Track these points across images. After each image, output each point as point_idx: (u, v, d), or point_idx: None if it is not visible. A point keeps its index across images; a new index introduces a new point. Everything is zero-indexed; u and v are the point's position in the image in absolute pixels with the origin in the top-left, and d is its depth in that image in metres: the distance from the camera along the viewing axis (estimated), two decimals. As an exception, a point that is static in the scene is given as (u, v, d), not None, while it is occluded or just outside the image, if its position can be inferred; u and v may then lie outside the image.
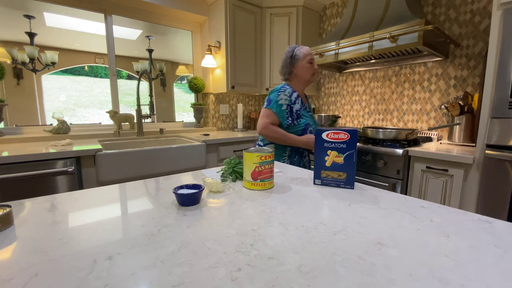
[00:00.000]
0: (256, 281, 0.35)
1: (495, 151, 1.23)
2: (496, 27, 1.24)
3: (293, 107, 1.41)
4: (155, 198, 0.68)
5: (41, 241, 0.45)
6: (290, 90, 1.43)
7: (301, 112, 1.43)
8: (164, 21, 2.51)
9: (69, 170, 1.40)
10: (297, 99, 1.44)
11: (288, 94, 1.41)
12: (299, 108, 1.43)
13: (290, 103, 1.40)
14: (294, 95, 1.43)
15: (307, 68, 1.45)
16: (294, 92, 1.45)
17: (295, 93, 1.44)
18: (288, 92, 1.42)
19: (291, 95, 1.42)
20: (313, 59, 1.46)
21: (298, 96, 1.45)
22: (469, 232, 0.49)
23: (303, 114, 1.43)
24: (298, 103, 1.43)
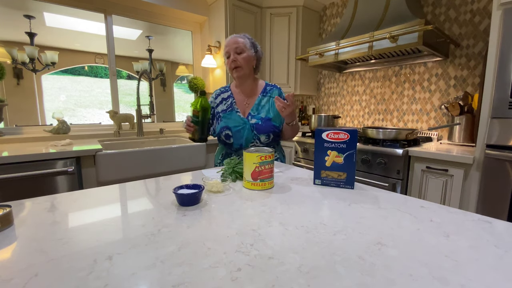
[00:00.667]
0: (256, 281, 0.35)
1: (495, 151, 1.23)
2: (496, 27, 1.24)
3: (216, 109, 1.29)
4: (155, 198, 0.68)
5: (41, 241, 0.45)
6: (219, 91, 1.32)
7: (223, 114, 1.26)
8: (164, 21, 2.51)
9: (69, 170, 1.40)
10: (226, 99, 1.29)
11: (214, 96, 1.31)
12: (221, 110, 1.27)
13: (214, 105, 1.30)
14: (222, 96, 1.30)
15: (226, 64, 1.26)
16: (226, 91, 1.31)
17: (226, 93, 1.31)
18: (215, 93, 1.32)
19: (218, 97, 1.30)
20: (228, 51, 1.22)
21: (229, 97, 1.29)
22: (469, 232, 0.49)
23: (224, 117, 1.25)
24: (224, 105, 1.28)
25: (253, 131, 1.22)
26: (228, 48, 1.22)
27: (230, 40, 1.23)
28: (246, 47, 1.23)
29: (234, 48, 1.20)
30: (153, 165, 1.71)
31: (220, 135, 1.25)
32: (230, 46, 1.22)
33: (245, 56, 1.22)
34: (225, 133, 1.23)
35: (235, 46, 1.21)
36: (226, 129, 1.23)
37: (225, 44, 1.24)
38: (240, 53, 1.21)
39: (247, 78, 1.27)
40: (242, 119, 1.25)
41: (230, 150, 1.29)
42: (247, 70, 1.23)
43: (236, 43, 1.21)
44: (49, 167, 1.37)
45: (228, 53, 1.22)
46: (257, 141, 1.25)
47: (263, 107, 1.27)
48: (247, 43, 1.24)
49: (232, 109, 1.27)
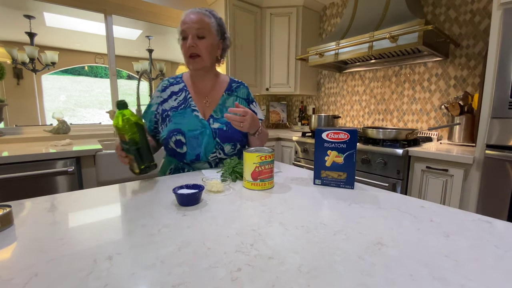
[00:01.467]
0: (256, 281, 0.35)
1: (495, 151, 1.23)
2: (496, 27, 1.24)
3: (162, 106, 0.98)
4: (155, 198, 0.68)
5: (41, 241, 0.45)
6: (167, 82, 1.01)
7: (173, 113, 0.96)
8: (164, 21, 2.51)
9: (69, 170, 1.40)
10: (178, 94, 0.98)
11: (161, 89, 1.00)
12: (171, 107, 0.97)
13: (160, 101, 0.98)
14: (172, 89, 0.99)
15: (181, 47, 0.95)
16: (178, 84, 1.01)
17: (177, 85, 1.00)
18: (162, 85, 1.00)
19: (166, 89, 0.99)
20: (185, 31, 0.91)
21: (181, 90, 0.99)
22: (469, 232, 0.49)
23: (175, 116, 0.95)
24: (174, 100, 0.98)
25: (215, 138, 0.95)
26: (186, 26, 0.90)
27: (191, 16, 0.91)
28: (211, 31, 0.93)
29: (196, 30, 0.90)
30: (153, 165, 1.70)
31: (168, 141, 0.92)
32: (189, 25, 0.90)
33: (208, 44, 0.92)
34: (176, 138, 0.91)
35: (196, 26, 0.90)
36: (177, 134, 0.91)
37: (183, 20, 0.91)
38: (202, 38, 0.91)
39: (207, 72, 1.00)
40: (200, 121, 0.95)
41: (180, 163, 0.98)
42: (209, 61, 0.95)
43: (199, 23, 0.90)
44: (49, 167, 1.37)
45: (185, 34, 0.91)
46: (219, 152, 0.97)
47: (227, 109, 1.01)
48: (213, 25, 0.94)
49: (187, 107, 0.96)
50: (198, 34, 0.91)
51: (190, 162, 0.96)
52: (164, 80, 1.03)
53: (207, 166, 0.99)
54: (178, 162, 0.99)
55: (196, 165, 0.98)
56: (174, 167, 1.00)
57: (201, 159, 0.96)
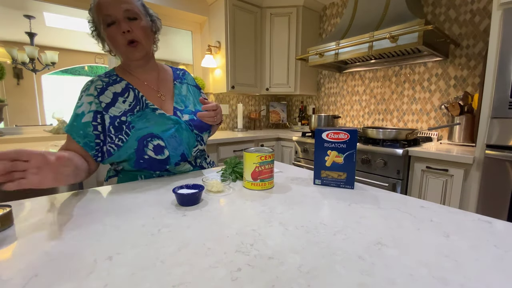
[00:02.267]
0: (256, 281, 0.35)
1: (495, 151, 1.23)
2: (496, 27, 1.24)
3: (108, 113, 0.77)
4: (155, 198, 0.68)
5: (41, 241, 0.45)
6: (102, 82, 0.79)
7: (131, 117, 0.78)
8: (164, 21, 2.51)
9: (69, 170, 1.40)
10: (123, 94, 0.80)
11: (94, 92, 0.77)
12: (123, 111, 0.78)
13: (100, 107, 0.76)
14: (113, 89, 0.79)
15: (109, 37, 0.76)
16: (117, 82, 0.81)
17: (118, 84, 0.81)
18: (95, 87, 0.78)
19: (105, 91, 0.78)
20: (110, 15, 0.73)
21: (127, 89, 0.81)
22: (469, 232, 0.49)
23: (135, 121, 0.78)
24: (123, 102, 0.79)
25: (193, 131, 0.87)
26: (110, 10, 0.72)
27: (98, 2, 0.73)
28: (140, 11, 0.78)
29: (123, 11, 0.73)
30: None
31: (143, 151, 0.77)
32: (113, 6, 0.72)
33: (144, 25, 0.78)
34: (153, 144, 0.77)
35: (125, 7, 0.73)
36: (151, 139, 0.77)
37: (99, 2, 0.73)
38: (134, 19, 0.76)
39: (148, 60, 0.87)
40: (169, 118, 0.83)
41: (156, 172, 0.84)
42: (149, 46, 0.83)
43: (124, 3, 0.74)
44: (49, 167, 1.36)
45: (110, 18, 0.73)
46: (200, 143, 0.90)
47: (186, 98, 0.91)
48: (138, 5, 0.79)
49: (143, 107, 0.81)
50: (129, 15, 0.75)
51: (174, 166, 0.86)
52: (95, 81, 0.79)
53: (189, 167, 0.90)
54: (153, 172, 0.84)
55: (179, 168, 0.88)
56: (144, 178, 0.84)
57: (187, 157, 0.86)
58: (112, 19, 0.73)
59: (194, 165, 0.93)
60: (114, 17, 0.73)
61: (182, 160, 0.87)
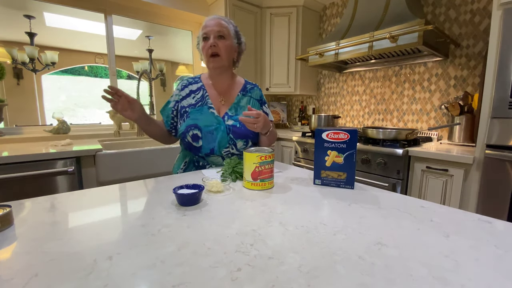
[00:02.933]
0: (256, 281, 0.35)
1: (495, 151, 1.23)
2: (496, 27, 1.24)
3: (181, 103, 1.06)
4: (155, 198, 0.68)
5: (41, 241, 0.45)
6: (187, 81, 1.09)
7: (191, 109, 1.03)
8: (164, 21, 2.51)
9: (69, 170, 1.40)
10: (196, 92, 1.06)
11: (180, 87, 1.08)
12: (189, 104, 1.05)
13: (179, 98, 1.06)
14: (191, 88, 1.07)
15: (202, 48, 1.03)
16: (196, 83, 1.09)
17: (195, 84, 1.08)
18: (181, 84, 1.08)
19: (185, 88, 1.07)
20: (207, 33, 1.00)
21: (199, 89, 1.07)
22: (469, 232, 0.49)
23: (192, 113, 1.03)
24: (192, 98, 1.05)
25: (228, 134, 1.02)
26: (208, 29, 1.00)
27: (212, 21, 1.01)
28: (230, 34, 1.03)
29: (216, 31, 1.00)
30: (153, 165, 1.71)
31: (185, 135, 1.00)
32: (211, 27, 0.99)
33: (228, 44, 1.02)
34: (193, 133, 0.99)
35: (217, 29, 1.00)
36: (194, 128, 0.99)
37: (204, 25, 1.01)
38: (221, 38, 1.01)
39: (224, 71, 1.08)
40: (216, 117, 1.03)
41: (196, 156, 1.05)
42: (226, 61, 1.04)
43: (219, 26, 1.00)
44: (49, 167, 1.37)
45: (207, 35, 1.00)
46: (232, 147, 1.04)
47: (242, 108, 1.09)
48: (231, 30, 1.04)
49: (204, 104, 1.04)
50: (219, 34, 1.01)
51: (204, 155, 1.03)
52: (184, 80, 1.11)
53: (220, 160, 1.05)
54: (193, 155, 1.05)
55: (210, 158, 1.04)
56: (189, 160, 1.07)
57: (215, 153, 1.02)
58: (207, 35, 1.00)
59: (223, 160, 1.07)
60: (208, 34, 1.00)
61: (211, 153, 1.03)
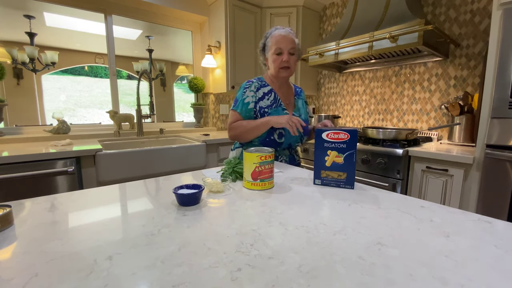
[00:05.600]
0: (256, 281, 0.35)
1: (495, 151, 1.23)
2: (496, 27, 1.24)
3: (259, 104, 1.19)
4: (155, 198, 0.68)
5: (41, 241, 0.45)
6: (257, 84, 1.21)
7: (270, 110, 1.18)
8: (164, 21, 2.51)
9: (69, 170, 1.40)
10: (268, 95, 1.20)
11: (254, 89, 1.19)
12: (266, 105, 1.19)
13: (256, 99, 1.19)
14: (263, 90, 1.20)
15: (273, 60, 1.18)
16: (265, 86, 1.22)
17: (265, 87, 1.21)
18: (254, 86, 1.20)
19: (259, 90, 1.20)
20: (281, 48, 1.15)
21: (270, 92, 1.21)
22: (469, 232, 0.49)
23: (273, 113, 1.18)
24: (267, 99, 1.19)
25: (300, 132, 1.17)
26: (282, 45, 1.14)
27: (285, 36, 1.15)
28: (297, 49, 1.19)
29: (290, 49, 1.15)
30: (153, 165, 1.71)
31: (272, 134, 1.16)
32: (285, 43, 1.14)
33: (296, 59, 1.20)
34: (279, 131, 1.16)
35: (291, 46, 1.15)
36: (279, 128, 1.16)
37: (277, 39, 1.15)
38: (292, 54, 1.17)
39: (288, 79, 1.28)
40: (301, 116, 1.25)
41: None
42: (293, 72, 1.22)
43: (292, 44, 1.16)
44: (49, 167, 1.37)
45: (281, 50, 1.15)
46: (301, 142, 1.26)
47: (300, 109, 1.28)
48: (298, 44, 1.20)
49: (278, 106, 1.20)
50: (291, 51, 1.16)
51: (282, 148, 1.22)
52: (254, 82, 1.21)
53: (287, 152, 1.25)
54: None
55: (281, 151, 1.24)
56: None
57: (291, 146, 1.24)
58: (281, 51, 1.16)
59: (290, 153, 1.26)
60: (283, 50, 1.15)
61: (287, 147, 1.23)
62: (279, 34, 1.16)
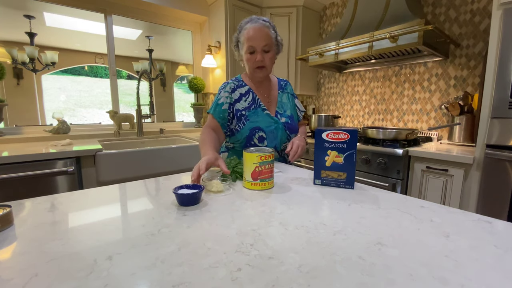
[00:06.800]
0: (256, 281, 0.35)
1: (495, 151, 1.23)
2: (496, 27, 1.24)
3: (235, 106, 1.08)
4: (155, 198, 0.68)
5: (41, 241, 0.45)
6: (233, 84, 1.11)
7: (247, 112, 1.08)
8: (164, 21, 2.51)
9: (69, 170, 1.40)
10: (245, 95, 1.10)
11: (229, 90, 1.09)
12: (244, 107, 1.09)
13: (232, 101, 1.08)
14: (239, 91, 1.10)
15: (247, 59, 1.06)
16: (243, 86, 1.11)
17: (243, 87, 1.11)
18: (230, 87, 1.10)
19: (235, 91, 1.09)
20: (254, 47, 1.02)
21: (248, 92, 1.11)
22: (469, 232, 0.49)
23: (250, 116, 1.08)
24: (244, 101, 1.09)
25: (285, 130, 1.12)
26: (254, 42, 1.01)
27: (257, 31, 1.01)
28: (273, 45, 1.07)
29: (263, 46, 1.03)
30: (153, 165, 1.71)
31: (251, 137, 1.07)
32: (258, 40, 1.01)
33: (272, 56, 1.08)
34: (258, 135, 1.07)
35: (264, 43, 1.02)
36: (258, 130, 1.07)
37: (250, 34, 1.01)
38: (267, 52, 1.05)
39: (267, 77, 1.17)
40: (272, 118, 1.11)
41: None
42: (270, 70, 1.12)
43: (266, 40, 1.02)
44: (49, 167, 1.37)
45: (253, 49, 1.03)
46: (286, 142, 1.15)
47: (285, 105, 1.18)
48: (274, 37, 1.07)
49: (257, 107, 1.10)
50: (265, 49, 1.05)
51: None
52: (230, 82, 1.12)
53: (277, 155, 1.15)
54: None
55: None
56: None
57: (277, 149, 1.13)
58: (253, 50, 1.04)
59: (280, 155, 1.16)
60: (255, 48, 1.03)
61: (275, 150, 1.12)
62: (252, 28, 1.01)
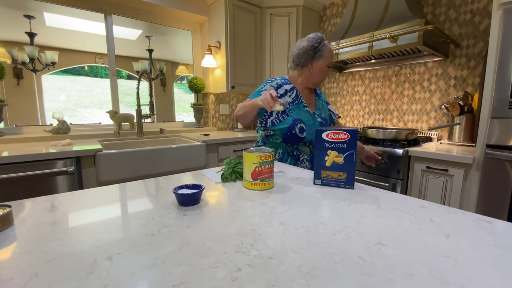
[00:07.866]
0: (256, 281, 0.35)
1: (495, 151, 1.23)
2: (496, 27, 1.24)
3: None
4: (155, 198, 0.68)
5: (41, 241, 0.45)
6: (280, 81, 1.24)
7: (291, 106, 1.21)
8: (164, 21, 2.51)
9: (69, 170, 1.40)
10: (290, 91, 1.23)
11: (275, 85, 1.22)
12: (288, 102, 1.22)
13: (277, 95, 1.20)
14: (285, 87, 1.23)
15: (323, 70, 1.24)
16: (288, 84, 1.25)
17: (288, 85, 1.25)
18: (276, 83, 1.23)
19: (280, 87, 1.23)
20: (330, 63, 1.25)
21: (292, 89, 1.24)
22: (469, 232, 0.49)
23: (293, 109, 1.21)
24: (289, 96, 1.22)
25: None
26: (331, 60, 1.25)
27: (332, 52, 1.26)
28: None
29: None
30: (153, 165, 1.71)
31: (293, 128, 1.17)
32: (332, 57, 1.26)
33: None
34: (300, 126, 1.18)
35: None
36: (300, 122, 1.19)
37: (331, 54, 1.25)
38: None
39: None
40: (311, 115, 1.24)
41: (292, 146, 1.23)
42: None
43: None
44: (49, 167, 1.37)
45: (330, 65, 1.26)
46: None
47: (321, 109, 1.32)
48: None
49: (299, 103, 1.23)
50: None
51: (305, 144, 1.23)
52: (277, 79, 1.26)
53: (308, 150, 1.25)
54: (287, 146, 1.24)
55: (303, 148, 1.24)
56: (282, 151, 1.25)
57: (312, 142, 1.24)
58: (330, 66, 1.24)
59: (311, 152, 1.27)
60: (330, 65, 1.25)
61: (309, 143, 1.23)
62: (331, 50, 1.25)
